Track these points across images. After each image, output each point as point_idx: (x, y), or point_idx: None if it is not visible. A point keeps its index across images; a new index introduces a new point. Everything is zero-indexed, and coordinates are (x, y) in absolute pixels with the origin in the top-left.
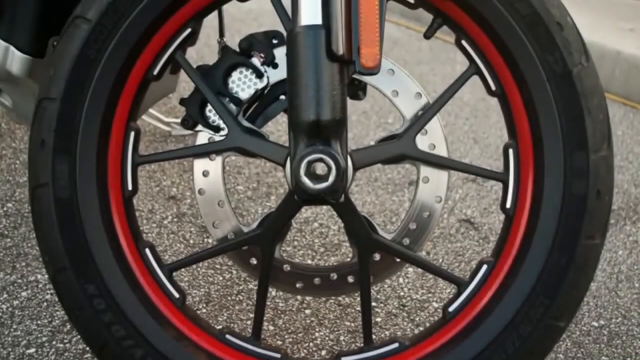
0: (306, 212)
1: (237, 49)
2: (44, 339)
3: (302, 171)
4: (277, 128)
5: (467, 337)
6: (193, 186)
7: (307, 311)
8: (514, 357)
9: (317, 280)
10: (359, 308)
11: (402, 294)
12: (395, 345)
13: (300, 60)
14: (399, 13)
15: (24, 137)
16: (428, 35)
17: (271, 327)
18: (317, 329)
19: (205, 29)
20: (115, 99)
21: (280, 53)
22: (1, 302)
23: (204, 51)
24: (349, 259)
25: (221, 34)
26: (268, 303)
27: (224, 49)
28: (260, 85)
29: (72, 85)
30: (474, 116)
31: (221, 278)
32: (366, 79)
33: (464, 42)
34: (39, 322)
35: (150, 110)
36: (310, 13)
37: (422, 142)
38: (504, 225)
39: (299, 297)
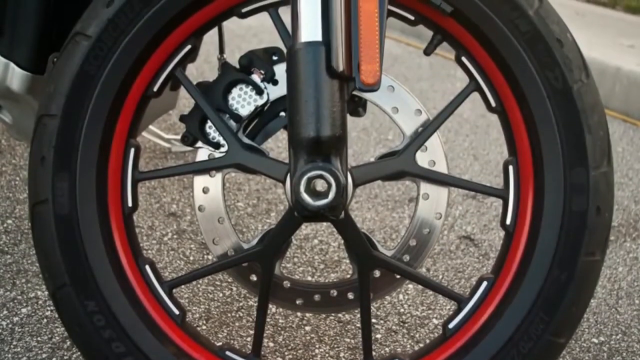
0: (306, 228)
1: (237, 66)
2: (44, 355)
3: (302, 188)
4: (277, 145)
5: (467, 353)
6: (193, 203)
7: (307, 328)
8: None
9: (317, 297)
10: (359, 325)
11: (402, 310)
12: None
13: (300, 76)
14: (399, 30)
15: (24, 153)
16: (428, 51)
17: (271, 344)
18: (317, 346)
19: (205, 45)
20: (115, 116)
21: (280, 70)
22: (1, 319)
23: (203, 68)
24: (349, 276)
25: (221, 50)
26: (268, 320)
27: (224, 66)
28: (260, 101)
29: (72, 101)
30: (474, 133)
31: (221, 295)
32: (366, 95)
33: (464, 59)
34: (39, 338)
35: (150, 127)
36: (310, 29)
37: (422, 159)
38: (504, 241)
39: (299, 314)
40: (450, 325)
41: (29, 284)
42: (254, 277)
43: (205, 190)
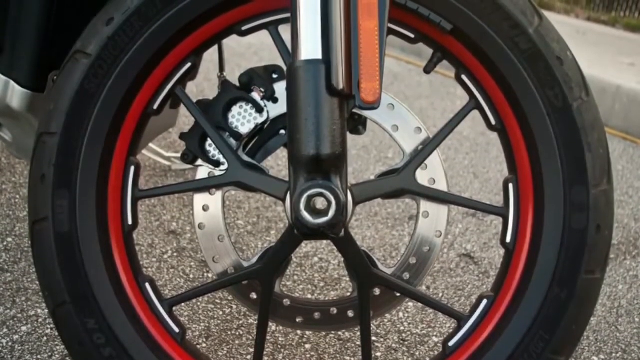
0: (306, 246)
1: (237, 84)
2: None
3: (302, 206)
4: (277, 163)
5: None
6: (193, 221)
7: (307, 346)
8: None
9: (317, 315)
10: (359, 343)
11: (402, 328)
12: None
13: (300, 94)
14: (399, 48)
15: (24, 171)
16: (428, 69)
17: None
18: None
19: (205, 63)
20: (115, 134)
21: (280, 87)
22: (1, 337)
23: (203, 85)
24: (349, 294)
25: (221, 68)
26: (268, 337)
27: (224, 84)
28: (260, 119)
29: (72, 119)
30: (473, 151)
31: (221, 313)
32: (366, 113)
33: (464, 77)
34: (38, 356)
35: (150, 145)
36: (310, 47)
37: (422, 177)
38: (504, 259)
39: (299, 332)
40: (450, 343)
41: (29, 302)
42: (254, 295)
43: (205, 208)
